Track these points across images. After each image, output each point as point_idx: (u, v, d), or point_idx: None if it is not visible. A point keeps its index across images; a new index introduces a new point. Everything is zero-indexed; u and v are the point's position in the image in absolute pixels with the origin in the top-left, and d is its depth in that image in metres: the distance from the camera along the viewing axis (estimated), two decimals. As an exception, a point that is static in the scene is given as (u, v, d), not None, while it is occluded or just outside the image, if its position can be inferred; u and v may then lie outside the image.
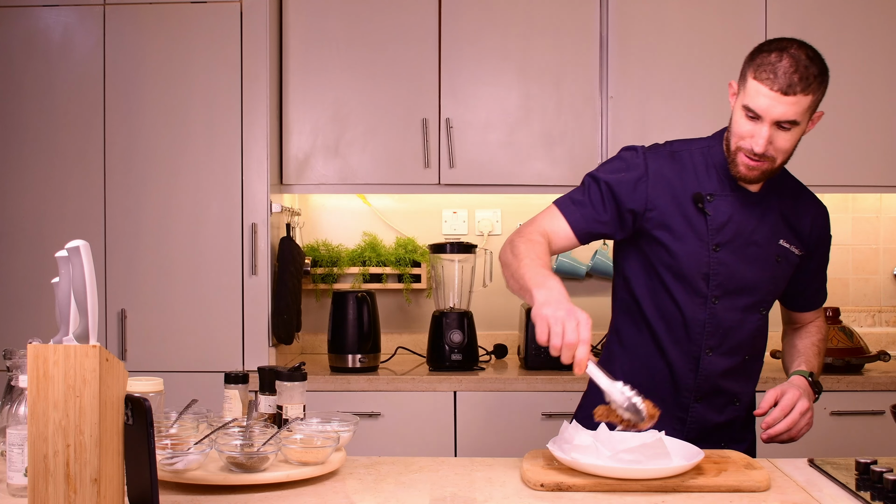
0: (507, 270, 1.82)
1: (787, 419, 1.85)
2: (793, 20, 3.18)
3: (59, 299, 1.37)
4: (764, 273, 1.94)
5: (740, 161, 1.85)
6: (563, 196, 1.96)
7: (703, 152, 1.95)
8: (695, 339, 1.93)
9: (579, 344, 1.58)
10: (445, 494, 1.58)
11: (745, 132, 1.82)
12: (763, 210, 1.94)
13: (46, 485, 1.30)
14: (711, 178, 1.93)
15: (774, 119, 1.79)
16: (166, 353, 3.01)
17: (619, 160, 1.97)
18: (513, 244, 1.84)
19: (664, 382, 1.97)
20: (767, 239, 1.94)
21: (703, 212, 1.90)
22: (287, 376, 1.79)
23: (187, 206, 3.02)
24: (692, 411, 1.97)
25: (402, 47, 3.19)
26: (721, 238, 1.90)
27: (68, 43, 3.02)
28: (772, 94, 1.77)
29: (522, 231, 1.89)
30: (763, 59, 1.79)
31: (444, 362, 3.09)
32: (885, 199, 3.56)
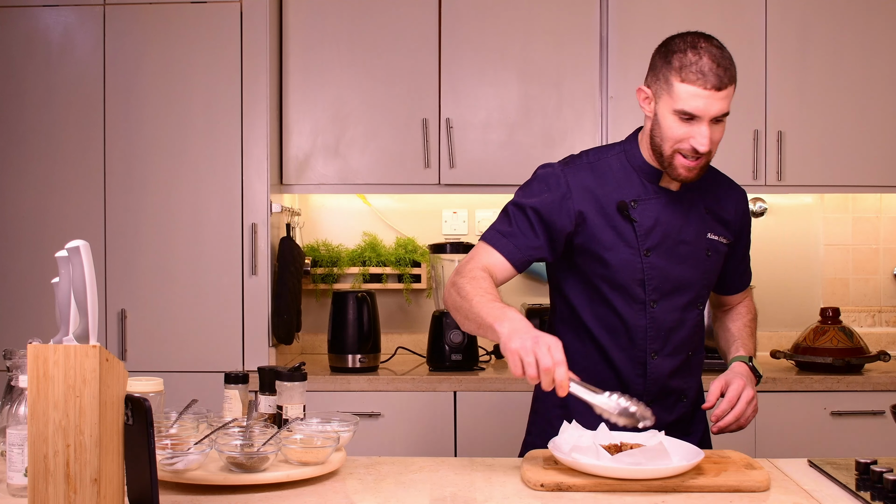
0: (459, 313, 1.79)
1: (735, 410, 1.87)
2: (793, 20, 3.18)
3: (59, 299, 1.37)
4: (697, 270, 1.95)
5: (679, 164, 1.85)
6: (489, 230, 1.92)
7: (619, 158, 1.95)
8: (639, 345, 1.93)
9: (555, 367, 1.58)
10: (445, 494, 1.58)
11: (681, 135, 1.82)
12: (687, 207, 1.94)
13: (46, 485, 1.30)
14: (633, 182, 1.92)
15: (712, 116, 1.79)
16: (166, 353, 3.01)
17: (538, 181, 1.94)
18: (457, 286, 1.81)
19: (613, 388, 1.95)
20: (695, 235, 1.94)
21: (629, 219, 1.89)
22: (287, 376, 1.79)
23: (187, 206, 3.02)
24: None
25: (402, 47, 3.19)
26: (650, 242, 1.90)
27: (68, 43, 3.03)
28: (706, 92, 1.77)
29: (462, 271, 1.85)
30: (682, 61, 1.79)
31: (444, 362, 3.09)
32: (885, 199, 3.56)
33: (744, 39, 3.20)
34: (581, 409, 1.95)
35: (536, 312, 3.15)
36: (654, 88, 1.85)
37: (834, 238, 3.56)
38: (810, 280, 3.54)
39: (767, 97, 3.19)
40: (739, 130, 3.16)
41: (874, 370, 3.07)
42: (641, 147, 1.94)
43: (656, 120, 1.85)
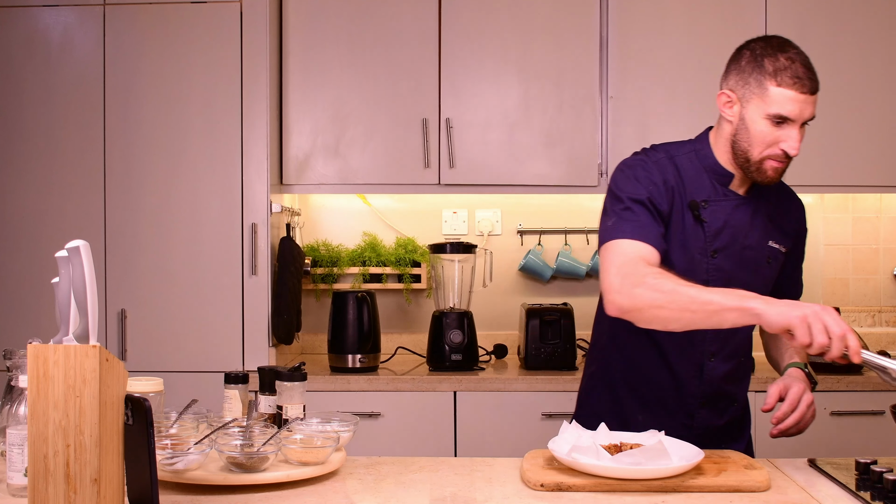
0: (673, 306, 1.69)
1: (796, 413, 1.86)
2: (793, 20, 3.18)
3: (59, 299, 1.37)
4: (758, 276, 1.95)
5: (768, 167, 1.84)
6: (615, 227, 1.83)
7: (689, 157, 1.94)
8: (698, 346, 1.93)
9: (846, 333, 1.57)
10: (445, 494, 1.58)
11: (773, 138, 1.81)
12: (753, 212, 1.94)
13: (46, 485, 1.30)
14: (704, 183, 1.91)
15: (804, 120, 1.80)
16: (166, 353, 3.01)
17: (637, 174, 1.89)
18: (648, 285, 1.71)
19: (669, 390, 1.97)
20: (758, 241, 1.94)
21: (699, 219, 1.89)
22: (287, 376, 1.79)
23: (187, 207, 3.02)
24: (697, 417, 1.98)
25: (402, 47, 3.19)
26: (718, 244, 1.90)
27: (68, 43, 3.02)
28: (801, 96, 1.78)
29: (632, 273, 1.74)
30: (777, 65, 1.79)
31: (444, 362, 3.09)
32: (885, 199, 3.56)
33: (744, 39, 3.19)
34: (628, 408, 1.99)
35: (536, 312, 3.15)
36: (740, 92, 1.84)
37: (834, 238, 3.56)
38: (810, 280, 3.53)
39: (767, 97, 3.19)
40: (739, 130, 3.15)
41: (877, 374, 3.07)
42: (714, 148, 1.93)
43: (743, 125, 1.84)
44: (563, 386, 2.95)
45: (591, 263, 3.48)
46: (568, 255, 3.49)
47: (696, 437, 1.95)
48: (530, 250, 3.49)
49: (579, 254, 3.52)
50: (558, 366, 3.09)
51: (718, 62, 3.17)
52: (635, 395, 1.99)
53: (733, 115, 1.86)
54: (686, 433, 1.95)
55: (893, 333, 3.54)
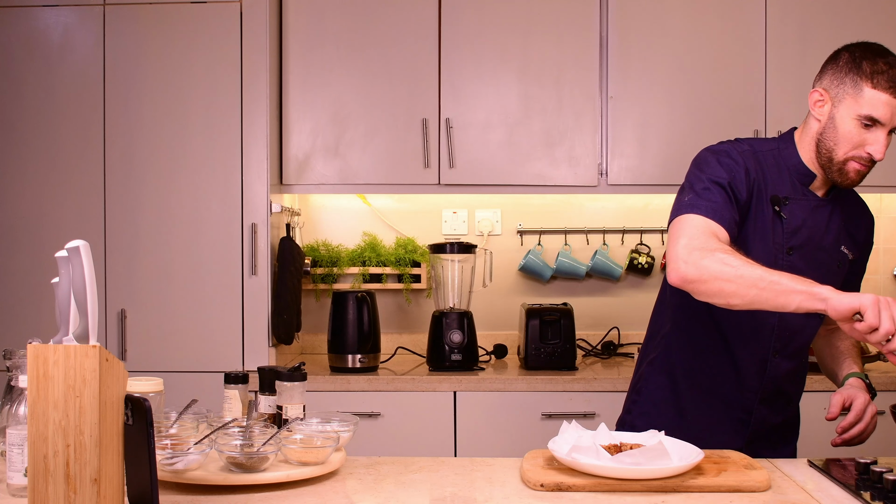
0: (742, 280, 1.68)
1: (861, 423, 1.88)
2: (793, 20, 3.18)
3: (59, 299, 1.37)
4: (828, 278, 1.93)
5: (851, 168, 1.85)
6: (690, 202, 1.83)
7: (773, 154, 1.94)
8: (763, 342, 1.94)
9: None
10: (445, 494, 1.58)
11: (860, 140, 1.82)
12: (830, 215, 1.95)
13: (46, 485, 1.30)
14: (784, 181, 1.92)
15: (895, 126, 1.81)
16: (166, 353, 3.01)
17: (720, 159, 1.89)
18: (717, 258, 1.71)
19: (730, 383, 1.97)
20: (832, 244, 1.95)
21: (779, 215, 1.90)
22: (287, 376, 1.79)
23: (187, 207, 3.02)
24: (755, 413, 1.98)
25: (402, 47, 3.19)
26: (795, 242, 1.90)
27: (68, 43, 3.02)
28: (895, 101, 1.79)
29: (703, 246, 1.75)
30: (876, 68, 1.80)
31: (444, 362, 3.09)
32: (885, 199, 3.56)
33: (744, 39, 3.20)
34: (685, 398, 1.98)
35: (536, 312, 3.15)
36: (833, 92, 1.84)
37: (834, 238, 3.55)
38: (810, 280, 3.54)
39: (767, 97, 3.19)
40: (739, 130, 3.15)
41: (874, 370, 3.07)
42: (799, 148, 1.93)
43: (832, 124, 1.85)
44: (563, 386, 2.95)
45: (590, 263, 3.48)
46: (568, 255, 3.49)
47: (751, 434, 1.96)
48: (530, 250, 3.49)
49: (579, 254, 3.52)
50: (558, 366, 3.09)
51: (718, 62, 3.20)
52: (695, 383, 1.98)
53: (822, 115, 1.87)
54: (742, 428, 1.95)
55: (893, 333, 3.53)
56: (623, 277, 3.55)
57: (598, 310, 3.56)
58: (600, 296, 3.55)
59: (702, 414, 1.95)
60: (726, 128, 3.16)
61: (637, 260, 3.47)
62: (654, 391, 2.05)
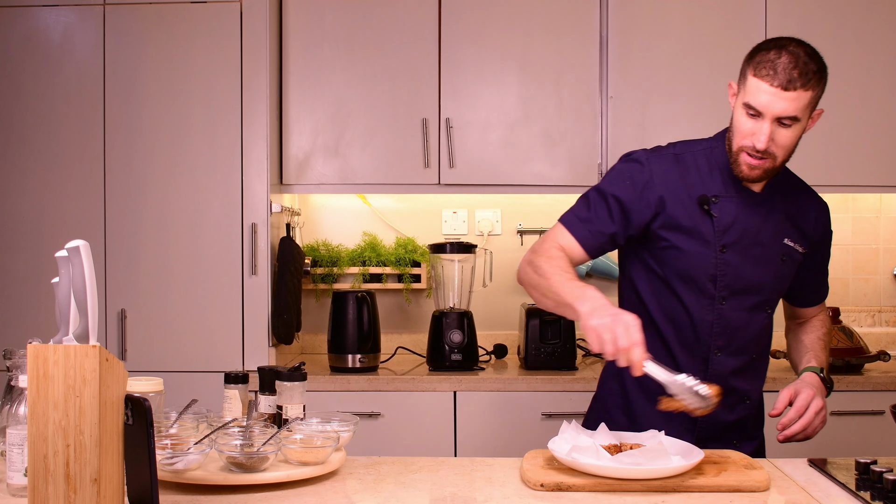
0: (536, 291, 1.84)
1: (802, 419, 1.87)
2: (793, 20, 3.18)
3: (59, 299, 1.37)
4: (769, 273, 1.95)
5: (742, 161, 1.86)
6: (568, 213, 1.96)
7: (705, 153, 1.96)
8: (703, 340, 1.94)
9: (632, 347, 1.61)
10: (445, 494, 1.58)
11: (747, 130, 1.83)
12: (767, 210, 1.94)
13: (46, 485, 1.30)
14: (715, 179, 1.93)
15: (776, 115, 1.79)
16: (166, 353, 3.01)
17: (622, 170, 1.96)
18: (534, 264, 1.86)
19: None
20: (772, 239, 1.94)
21: (708, 214, 1.90)
22: (287, 376, 1.79)
23: (187, 206, 3.02)
24: None
25: (402, 47, 3.19)
26: (727, 239, 1.91)
27: (68, 43, 3.02)
28: (772, 89, 1.78)
29: (539, 250, 1.89)
30: (762, 57, 1.80)
31: (444, 362, 3.09)
32: (885, 199, 3.56)
33: (744, 39, 3.19)
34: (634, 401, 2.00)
35: (536, 312, 3.15)
36: (738, 83, 1.87)
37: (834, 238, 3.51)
38: (810, 280, 3.54)
39: (767, 97, 3.19)
40: (739, 130, 3.16)
41: (874, 370, 3.07)
42: (726, 144, 1.95)
43: (733, 114, 1.87)
44: (563, 386, 2.95)
45: (590, 264, 3.48)
46: (568, 255, 3.49)
47: (704, 432, 1.95)
48: (530, 250, 3.49)
49: (579, 254, 3.52)
50: (558, 366, 3.09)
51: (718, 62, 3.20)
52: (641, 386, 1.98)
53: (733, 105, 1.89)
54: (691, 427, 1.95)
55: (893, 333, 3.53)
56: (623, 277, 3.55)
57: (598, 310, 3.55)
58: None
59: (650, 416, 1.93)
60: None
61: (637, 260, 3.47)
62: (607, 396, 2.06)
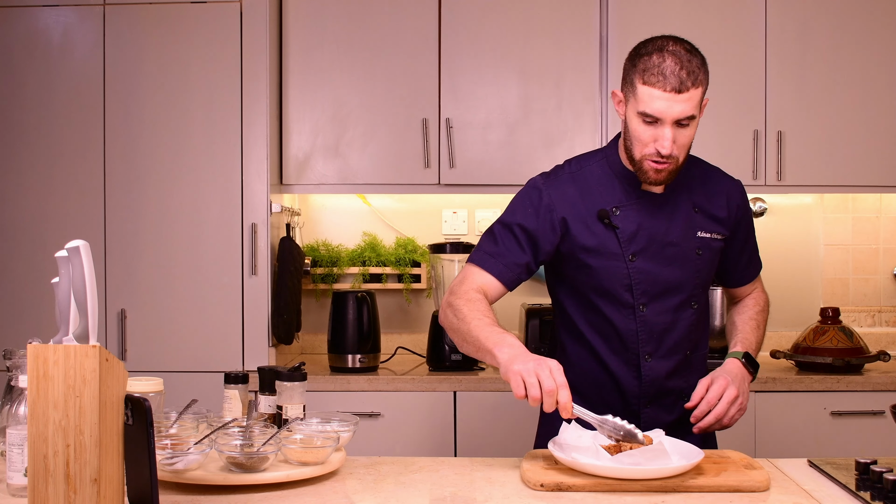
0: (457, 335, 1.83)
1: (715, 410, 1.86)
2: (793, 20, 3.18)
3: (59, 299, 1.37)
4: (686, 270, 1.94)
5: (647, 167, 1.85)
6: (476, 252, 1.94)
7: (600, 165, 1.96)
8: (631, 348, 1.93)
9: (559, 389, 1.61)
10: (445, 494, 1.58)
11: (647, 138, 1.82)
12: (672, 208, 1.93)
13: (46, 485, 1.30)
14: (614, 189, 1.93)
15: (674, 119, 1.79)
16: (166, 353, 3.01)
17: (521, 199, 1.96)
18: (453, 307, 1.84)
19: (610, 392, 1.97)
20: (683, 235, 1.93)
21: (611, 226, 1.90)
22: (287, 376, 1.79)
23: (187, 207, 3.02)
24: (643, 415, 1.97)
25: (402, 47, 3.19)
26: (635, 247, 1.90)
27: (68, 43, 3.02)
28: (666, 95, 1.77)
29: (457, 292, 1.87)
30: (646, 63, 1.79)
31: (444, 362, 3.09)
32: (885, 199, 3.56)
33: (744, 39, 3.20)
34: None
35: (536, 312, 3.15)
36: (624, 92, 1.87)
37: (834, 238, 3.56)
38: (810, 280, 3.54)
39: (767, 97, 3.19)
40: (739, 130, 3.16)
41: (874, 370, 3.07)
42: (620, 152, 1.95)
43: (626, 124, 1.87)
44: (563, 386, 2.95)
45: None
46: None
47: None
48: (530, 250, 3.49)
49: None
50: (558, 366, 3.09)
51: (718, 62, 3.19)
52: (581, 397, 1.95)
53: (622, 115, 1.89)
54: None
55: (893, 333, 3.54)
56: (623, 277, 3.55)
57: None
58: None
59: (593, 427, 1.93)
60: (726, 128, 3.16)
61: (637, 260, 3.47)
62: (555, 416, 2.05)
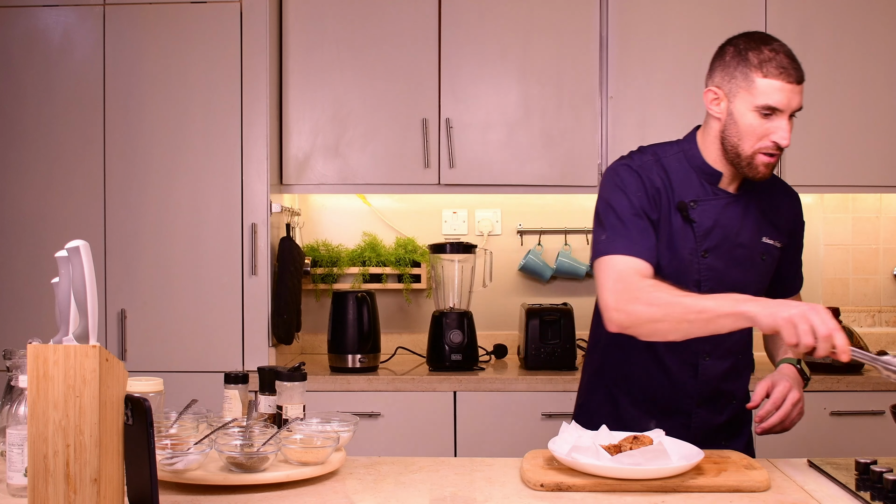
0: (669, 320, 1.70)
1: (780, 411, 1.86)
2: (793, 20, 3.18)
3: (59, 299, 1.37)
4: (751, 273, 1.94)
5: (759, 161, 1.84)
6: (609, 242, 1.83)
7: (677, 157, 1.94)
8: (692, 347, 1.93)
9: (834, 333, 1.58)
10: (445, 494, 1.58)
11: (763, 131, 1.81)
12: (744, 210, 1.93)
13: (46, 485, 1.30)
14: (692, 183, 1.91)
15: (793, 109, 1.81)
16: (166, 353, 3.01)
17: (623, 182, 1.89)
18: (643, 300, 1.73)
19: (665, 390, 1.97)
20: (751, 238, 1.94)
21: (688, 219, 1.89)
22: (287, 376, 1.79)
23: (187, 207, 3.02)
24: (695, 416, 1.97)
25: (402, 47, 3.19)
26: (708, 244, 1.90)
27: (68, 43, 3.02)
28: (788, 86, 1.78)
29: (630, 288, 1.75)
30: (762, 57, 1.80)
31: (444, 362, 3.09)
32: (885, 199, 3.56)
33: (744, 39, 3.20)
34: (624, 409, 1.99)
35: (536, 312, 3.15)
36: (726, 88, 1.85)
37: (834, 238, 3.56)
38: (810, 280, 3.54)
39: (767, 97, 3.19)
40: (739, 130, 3.16)
41: (874, 370, 3.07)
42: (702, 148, 1.93)
43: (731, 120, 1.85)
44: (563, 386, 2.95)
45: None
46: (568, 255, 3.49)
47: (694, 437, 1.95)
48: (530, 250, 3.49)
49: (579, 254, 3.52)
50: (558, 366, 3.09)
51: (718, 62, 3.19)
52: (631, 396, 1.99)
53: (721, 112, 1.87)
54: (685, 433, 1.94)
55: (893, 333, 3.54)
56: (623, 277, 3.55)
57: (598, 310, 3.55)
58: (600, 296, 3.55)
59: (642, 423, 1.92)
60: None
61: (637, 260, 3.47)
62: (594, 405, 2.05)
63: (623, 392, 2.01)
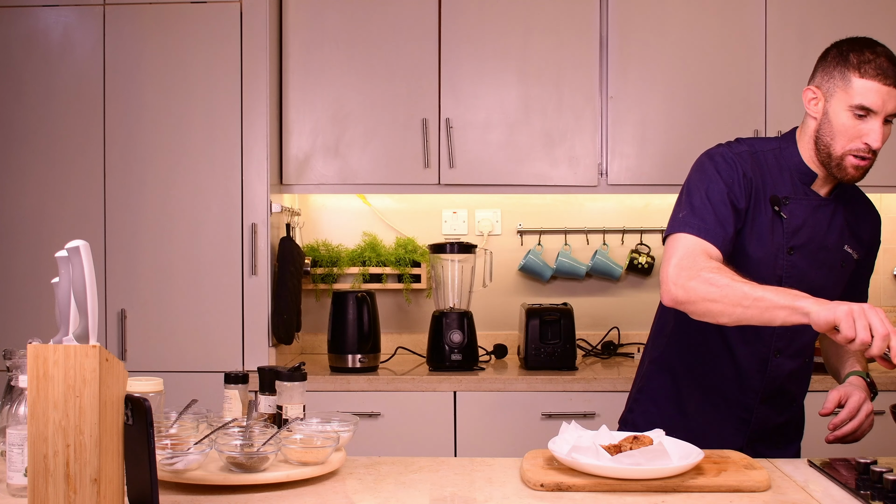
0: (725, 301, 1.70)
1: (854, 420, 1.88)
2: (793, 20, 3.18)
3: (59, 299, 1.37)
4: (831, 278, 1.95)
5: (849, 163, 1.84)
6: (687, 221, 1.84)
7: (774, 154, 1.94)
8: (765, 341, 1.93)
9: (890, 334, 1.58)
10: (445, 494, 1.58)
11: (855, 132, 1.82)
12: (832, 215, 1.94)
13: (46, 485, 1.30)
14: (785, 180, 1.92)
15: (889, 113, 1.81)
16: (166, 353, 3.01)
17: (716, 167, 1.89)
18: (704, 278, 1.73)
19: (731, 381, 1.97)
20: (835, 244, 1.95)
21: (779, 214, 1.89)
22: (287, 376, 1.79)
23: (187, 207, 3.02)
24: (756, 412, 1.98)
25: (402, 47, 3.19)
26: (796, 241, 1.90)
27: (68, 43, 3.02)
28: (885, 88, 1.79)
29: (696, 266, 1.76)
30: (862, 58, 1.80)
31: (444, 362, 3.09)
32: (885, 199, 3.56)
33: (744, 39, 3.20)
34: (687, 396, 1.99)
35: (536, 312, 3.15)
36: (825, 87, 1.85)
37: (834, 238, 3.55)
38: (810, 280, 3.54)
39: (767, 97, 3.19)
40: (739, 130, 3.16)
41: (874, 370, 3.06)
42: (800, 147, 1.93)
43: (826, 119, 1.85)
44: (563, 386, 2.95)
45: (590, 263, 3.48)
46: (568, 255, 3.49)
47: (752, 432, 1.96)
48: (530, 250, 3.49)
49: (579, 254, 3.52)
50: (558, 366, 3.09)
51: (718, 62, 3.20)
52: (696, 381, 1.99)
53: (817, 112, 1.87)
54: (743, 427, 1.96)
55: (893, 333, 3.53)
56: (623, 277, 3.55)
57: (598, 310, 3.56)
58: (600, 296, 3.55)
59: (703, 412, 1.96)
60: (726, 128, 3.16)
61: (637, 260, 3.47)
62: (655, 390, 2.06)
63: (688, 377, 2.00)
